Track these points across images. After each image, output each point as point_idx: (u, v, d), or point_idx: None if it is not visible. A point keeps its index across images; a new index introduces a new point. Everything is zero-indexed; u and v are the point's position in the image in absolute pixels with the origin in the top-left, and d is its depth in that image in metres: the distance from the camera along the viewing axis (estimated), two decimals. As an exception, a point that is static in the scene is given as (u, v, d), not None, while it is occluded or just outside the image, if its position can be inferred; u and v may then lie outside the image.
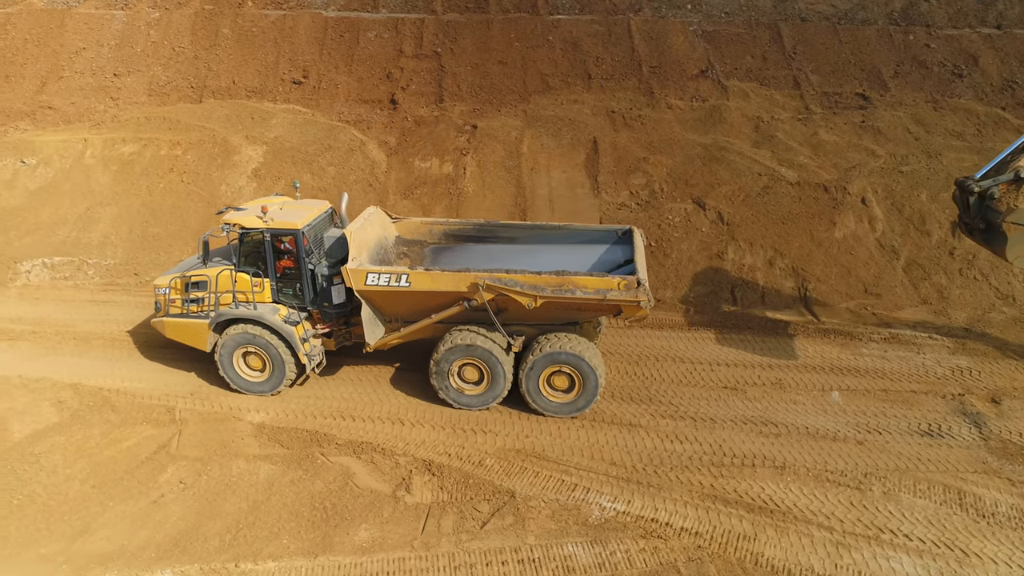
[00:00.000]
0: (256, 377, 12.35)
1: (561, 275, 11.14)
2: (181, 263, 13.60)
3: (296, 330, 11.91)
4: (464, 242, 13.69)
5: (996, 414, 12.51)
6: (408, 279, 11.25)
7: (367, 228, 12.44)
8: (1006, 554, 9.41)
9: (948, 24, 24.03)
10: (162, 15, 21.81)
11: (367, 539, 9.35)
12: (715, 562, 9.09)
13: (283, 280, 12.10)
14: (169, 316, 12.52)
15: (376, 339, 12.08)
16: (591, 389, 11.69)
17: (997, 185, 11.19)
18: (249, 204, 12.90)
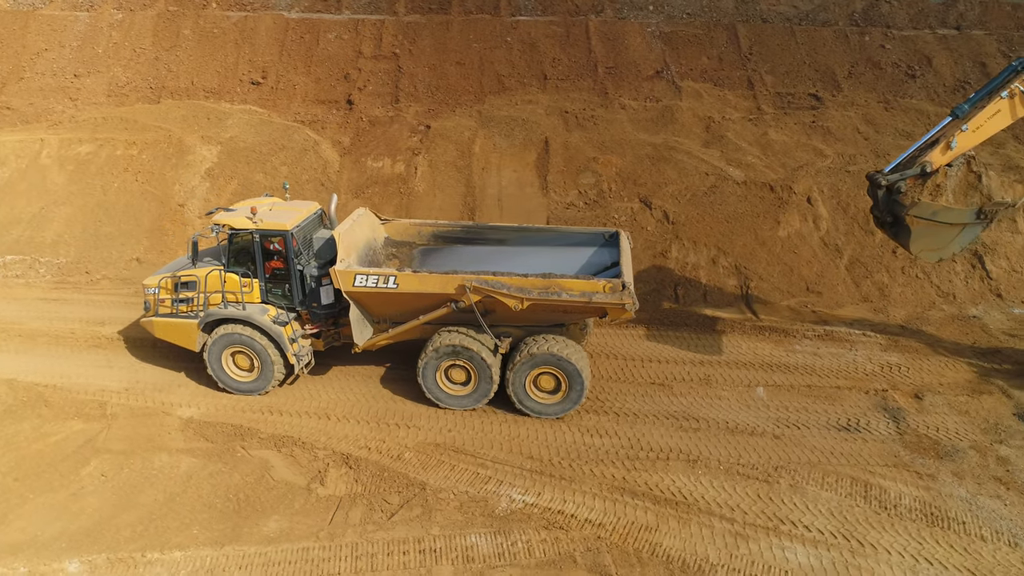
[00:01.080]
0: (245, 377, 12.46)
1: (547, 277, 11.30)
2: (171, 263, 13.72)
3: (285, 330, 12.04)
4: (453, 244, 13.86)
5: (917, 409, 12.72)
6: (396, 281, 11.41)
7: (356, 230, 12.60)
8: (901, 544, 9.63)
9: (909, 25, 24.27)
10: (125, 16, 22.04)
11: (275, 530, 9.57)
12: (612, 552, 9.31)
13: (272, 281, 12.23)
14: (158, 316, 12.62)
15: (364, 340, 12.22)
16: (577, 390, 11.83)
17: (904, 180, 11.41)
18: (239, 205, 13.05)
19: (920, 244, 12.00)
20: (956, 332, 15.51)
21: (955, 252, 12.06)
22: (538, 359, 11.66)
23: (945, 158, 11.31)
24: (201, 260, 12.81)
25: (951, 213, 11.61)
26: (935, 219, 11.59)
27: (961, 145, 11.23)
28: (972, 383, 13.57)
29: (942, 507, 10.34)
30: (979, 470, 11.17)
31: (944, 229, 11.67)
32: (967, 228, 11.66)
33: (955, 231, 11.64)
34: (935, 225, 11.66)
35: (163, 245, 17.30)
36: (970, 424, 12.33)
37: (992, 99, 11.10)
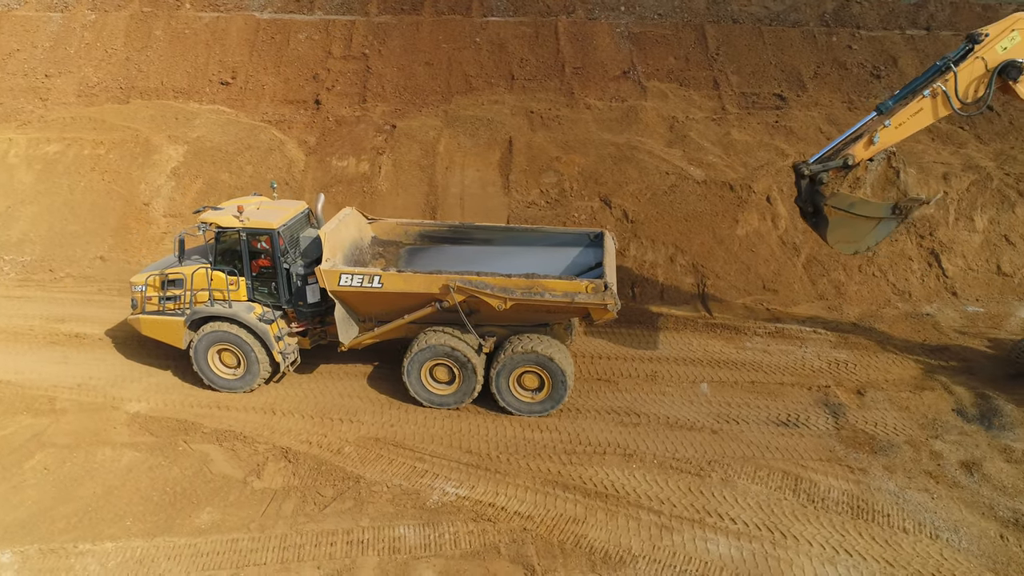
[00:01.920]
0: (230, 375, 12.58)
1: (530, 278, 11.42)
2: (158, 261, 13.82)
3: (271, 328, 12.18)
4: (439, 243, 13.97)
5: (858, 405, 12.90)
6: (380, 280, 11.53)
7: (342, 229, 12.73)
8: (824, 536, 9.80)
9: (879, 26, 24.44)
10: (98, 17, 22.22)
11: (207, 521, 9.74)
12: (536, 543, 9.49)
13: (259, 279, 12.37)
14: (145, 313, 12.74)
15: (350, 338, 12.37)
16: (560, 389, 11.95)
17: (827, 171, 11.58)
18: (226, 203, 13.14)
19: (837, 235, 12.17)
20: (908, 330, 15.69)
21: (870, 245, 12.22)
22: (521, 358, 11.79)
23: (867, 152, 11.49)
24: (189, 258, 12.92)
25: (868, 206, 11.78)
26: (852, 211, 11.77)
27: (883, 141, 11.39)
28: (917, 380, 13.74)
29: (869, 500, 10.52)
30: (911, 464, 11.34)
31: (860, 222, 11.84)
32: (883, 222, 11.83)
33: (871, 224, 11.81)
34: (852, 217, 11.84)
35: (127, 244, 17.48)
36: (909, 420, 12.50)
37: (915, 97, 11.27)
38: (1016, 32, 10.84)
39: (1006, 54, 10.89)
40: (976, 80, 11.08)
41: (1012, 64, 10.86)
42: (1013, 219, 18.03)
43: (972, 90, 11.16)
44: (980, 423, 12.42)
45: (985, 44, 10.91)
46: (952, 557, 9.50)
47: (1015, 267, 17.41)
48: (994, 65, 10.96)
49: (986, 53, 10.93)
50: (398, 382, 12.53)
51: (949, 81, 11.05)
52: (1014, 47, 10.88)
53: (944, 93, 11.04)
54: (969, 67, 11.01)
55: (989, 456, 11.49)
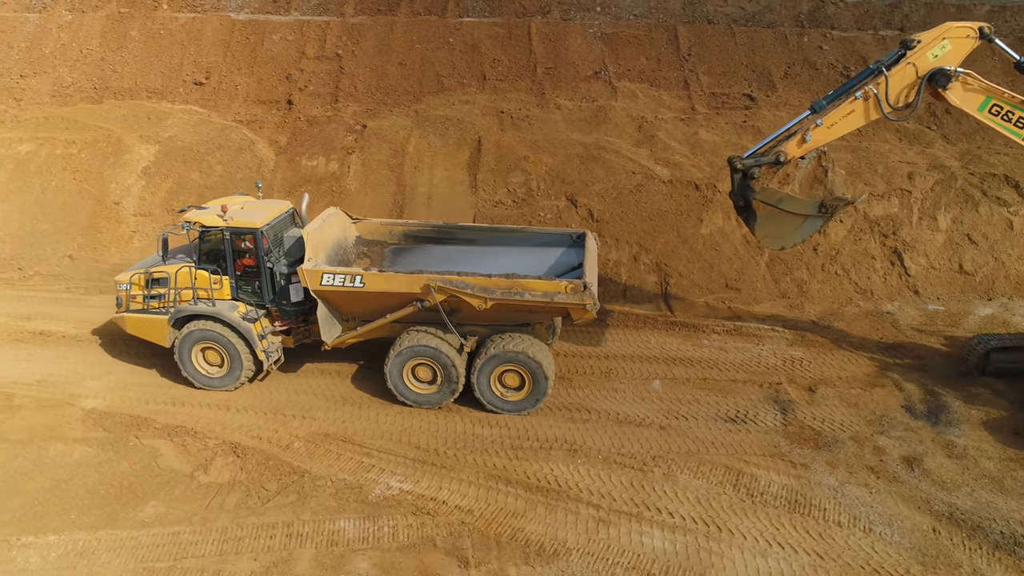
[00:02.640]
0: (214, 373, 12.69)
1: (511, 278, 11.52)
2: (143, 260, 13.88)
3: (254, 327, 12.27)
4: (423, 243, 14.08)
5: (807, 402, 13.05)
6: (362, 280, 11.63)
7: (325, 229, 12.84)
8: (758, 530, 9.95)
9: (853, 26, 24.59)
10: (75, 18, 22.37)
11: (151, 515, 9.90)
12: (472, 536, 9.64)
13: (242, 278, 12.45)
14: (130, 312, 12.81)
15: (332, 338, 12.46)
16: (541, 387, 12.08)
17: (759, 166, 11.74)
18: (210, 203, 13.21)
19: (764, 230, 12.34)
20: (867, 328, 15.84)
21: (796, 242, 12.39)
22: (501, 357, 11.92)
23: (800, 150, 11.64)
24: (174, 257, 13.00)
25: (795, 203, 11.93)
26: (779, 207, 11.92)
27: (815, 140, 11.54)
28: (869, 377, 13.90)
29: (808, 495, 10.67)
30: (854, 460, 11.50)
31: (787, 218, 12.00)
32: (809, 220, 11.98)
33: (798, 221, 11.96)
34: (779, 213, 12.00)
35: (96, 243, 17.64)
36: (857, 416, 12.65)
37: (848, 99, 11.42)
38: (947, 40, 11.01)
39: (936, 62, 11.05)
40: (907, 86, 11.23)
41: (941, 72, 11.03)
42: (976, 218, 18.18)
43: (903, 95, 11.32)
44: (927, 419, 12.57)
45: (917, 51, 11.07)
46: (883, 550, 9.66)
47: (977, 266, 17.57)
48: (924, 72, 11.11)
49: (917, 60, 11.09)
50: (357, 379, 12.71)
51: (881, 85, 11.21)
52: (944, 55, 11.05)
53: (876, 96, 11.20)
54: (901, 72, 11.16)
55: (931, 452, 11.65)
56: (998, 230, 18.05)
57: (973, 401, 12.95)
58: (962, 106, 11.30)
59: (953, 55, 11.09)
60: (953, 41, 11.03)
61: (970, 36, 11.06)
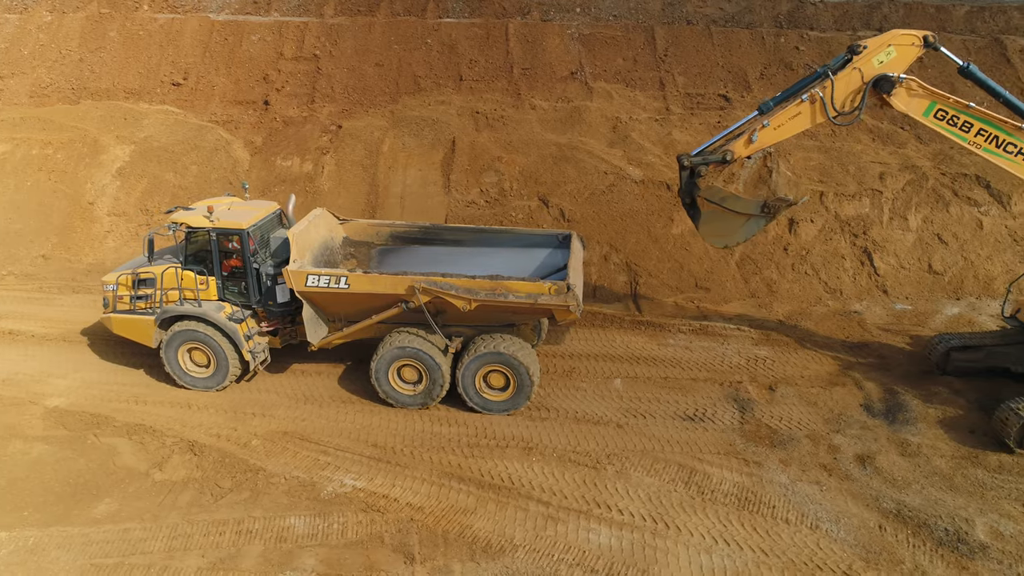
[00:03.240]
0: (201, 373, 12.72)
1: (494, 279, 11.57)
2: (130, 261, 13.90)
3: (240, 328, 12.31)
4: (410, 244, 14.12)
5: (767, 400, 13.14)
6: (347, 281, 11.68)
7: (311, 230, 12.87)
8: (706, 527, 10.04)
9: (832, 27, 24.70)
10: (55, 19, 22.47)
11: (104, 512, 9.99)
12: (420, 533, 9.73)
13: (229, 279, 12.46)
14: (117, 312, 12.83)
15: (318, 338, 12.48)
16: (525, 387, 12.12)
17: (706, 164, 11.82)
18: (198, 204, 13.23)
19: (708, 228, 12.42)
20: (833, 327, 15.92)
21: (739, 241, 12.47)
22: (485, 357, 11.97)
23: (747, 150, 11.73)
24: (162, 258, 13.03)
25: (738, 202, 12.01)
26: (723, 205, 12.00)
27: (761, 140, 11.63)
28: (831, 376, 13.99)
29: (758, 492, 10.76)
30: (808, 458, 11.59)
31: (731, 217, 12.08)
32: (752, 219, 12.06)
33: (740, 220, 12.04)
34: (723, 211, 12.07)
35: (70, 242, 17.74)
36: (815, 414, 12.74)
37: (795, 101, 11.51)
38: (892, 47, 11.11)
39: (882, 68, 11.15)
40: (853, 91, 11.33)
41: (885, 78, 11.12)
42: (947, 218, 18.29)
43: (849, 100, 11.41)
44: (884, 418, 12.67)
45: (863, 56, 11.17)
46: (827, 546, 9.75)
47: (946, 265, 17.67)
48: (869, 77, 11.20)
49: (863, 65, 11.18)
50: (322, 377, 12.80)
51: (827, 89, 11.29)
52: (890, 61, 11.14)
53: (821, 100, 11.29)
54: (847, 77, 11.26)
55: (885, 449, 11.74)
56: (968, 230, 18.16)
57: (931, 400, 13.04)
58: (907, 111, 11.40)
59: (898, 62, 11.19)
60: (898, 48, 11.13)
61: (915, 44, 11.17)
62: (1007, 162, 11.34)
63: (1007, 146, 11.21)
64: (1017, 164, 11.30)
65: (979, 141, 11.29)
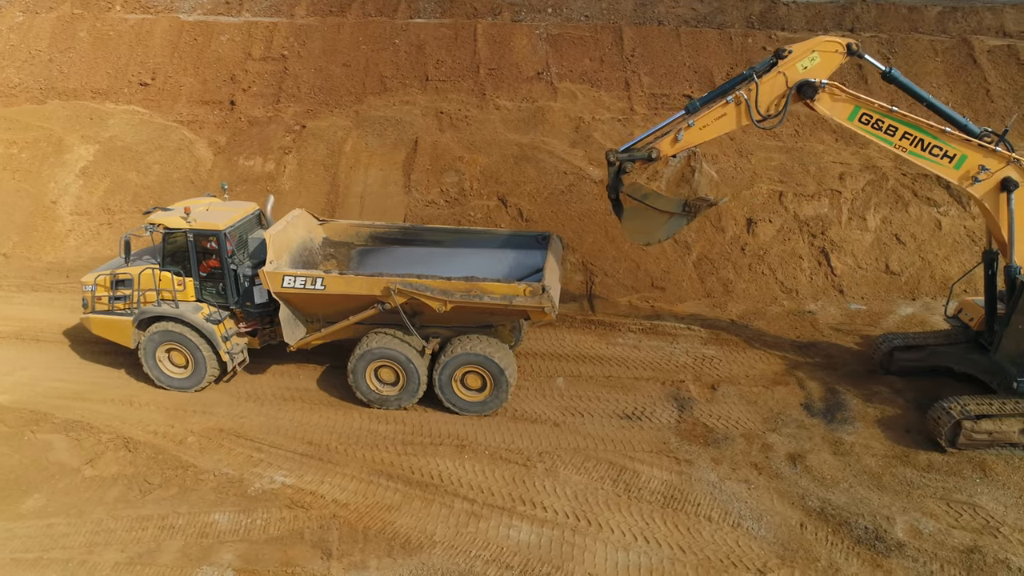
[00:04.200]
0: (179, 374, 12.80)
1: (470, 281, 11.60)
2: (109, 262, 13.91)
3: (217, 329, 12.35)
4: (390, 245, 14.12)
5: (707, 399, 13.20)
6: (323, 282, 11.73)
7: (289, 231, 12.90)
8: (627, 524, 10.12)
9: (804, 27, 24.71)
10: (26, 19, 22.62)
11: (31, 507, 10.10)
12: (342, 529, 9.82)
13: (207, 280, 12.52)
14: (95, 313, 12.89)
15: (296, 339, 12.54)
16: (502, 388, 12.16)
17: (632, 161, 11.87)
18: (176, 204, 13.28)
19: (631, 225, 12.45)
20: (785, 327, 15.98)
21: (661, 239, 12.49)
22: (462, 358, 12.01)
23: (672, 149, 11.76)
24: (140, 258, 13.06)
25: (660, 200, 12.03)
26: (645, 202, 12.02)
27: (687, 140, 11.68)
28: (776, 375, 14.05)
29: (685, 490, 10.83)
30: (740, 456, 11.65)
31: (653, 214, 12.11)
32: (674, 218, 12.10)
33: (662, 218, 12.07)
34: (645, 208, 12.10)
35: (31, 241, 17.88)
36: (753, 413, 12.80)
37: (721, 101, 11.56)
38: (816, 53, 11.16)
39: (805, 73, 11.20)
40: (778, 95, 11.37)
41: (807, 83, 11.17)
42: (905, 218, 18.33)
43: (774, 104, 11.45)
44: (823, 417, 12.72)
45: (787, 61, 11.21)
46: (746, 544, 9.81)
47: (903, 266, 17.71)
48: (793, 82, 11.25)
49: (787, 69, 11.23)
50: (266, 376, 12.85)
51: (752, 91, 11.33)
52: (814, 67, 11.19)
53: (746, 102, 11.33)
54: (771, 81, 11.29)
55: (818, 448, 11.80)
56: (927, 230, 18.20)
57: (871, 399, 13.09)
58: (832, 116, 11.45)
59: (822, 68, 11.24)
60: (822, 54, 11.18)
61: (838, 51, 11.22)
62: (933, 165, 11.38)
63: (932, 149, 11.26)
64: (943, 167, 11.35)
65: (904, 144, 11.33)
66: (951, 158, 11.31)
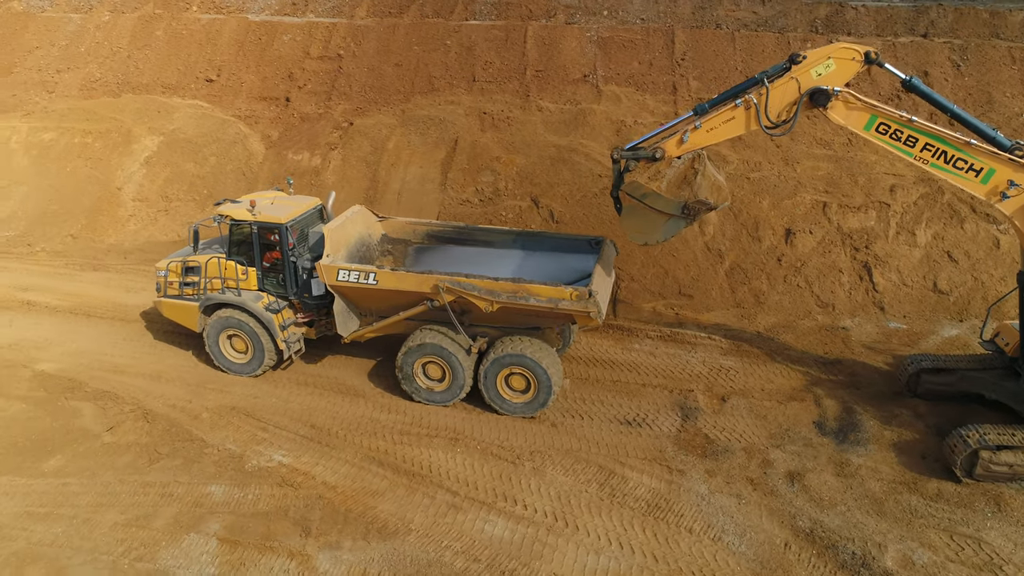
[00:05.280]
0: (239, 359, 13.40)
1: (517, 282, 11.70)
2: (182, 249, 14.74)
3: (276, 318, 12.88)
4: (445, 243, 14.44)
5: (714, 411, 12.93)
6: (375, 277, 12.08)
7: (347, 226, 13.29)
8: (605, 528, 10.08)
9: (873, 32, 23.71)
10: (112, 18, 24.36)
11: (52, 467, 10.98)
12: (324, 509, 10.22)
13: (269, 270, 13.07)
14: (167, 297, 13.69)
15: (349, 331, 12.98)
16: (544, 391, 12.18)
17: (637, 159, 11.67)
18: (244, 197, 13.81)
19: (630, 223, 12.18)
20: (814, 342, 15.42)
21: (660, 240, 12.10)
22: (506, 359, 12.09)
23: (678, 150, 11.49)
24: (211, 247, 13.80)
25: (659, 200, 11.72)
26: (644, 202, 11.74)
27: (693, 142, 11.39)
28: (793, 391, 13.61)
29: (671, 500, 10.69)
30: (736, 470, 11.38)
31: (652, 214, 11.79)
32: (672, 219, 11.74)
33: (661, 219, 11.73)
34: (644, 208, 11.81)
35: (96, 224, 19.28)
36: (760, 428, 12.46)
37: (730, 104, 11.24)
38: (832, 60, 10.71)
39: (819, 80, 10.76)
40: (789, 102, 10.98)
41: (820, 91, 10.74)
42: (960, 235, 17.33)
43: (785, 110, 11.06)
44: (834, 437, 12.25)
45: (801, 66, 10.80)
46: (723, 559, 9.61)
47: (953, 285, 16.76)
48: (806, 88, 10.84)
49: (800, 76, 10.82)
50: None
51: (762, 96, 10.99)
52: (828, 74, 10.74)
53: (756, 107, 11.00)
54: (783, 86, 10.91)
55: (821, 468, 11.38)
56: (983, 248, 17.15)
57: (890, 422, 12.50)
58: (847, 125, 10.97)
59: (837, 75, 10.78)
60: (838, 61, 10.73)
61: (855, 59, 10.73)
62: (958, 179, 10.77)
63: (956, 161, 10.65)
64: (969, 180, 10.72)
65: (926, 156, 10.77)
66: (977, 172, 10.68)
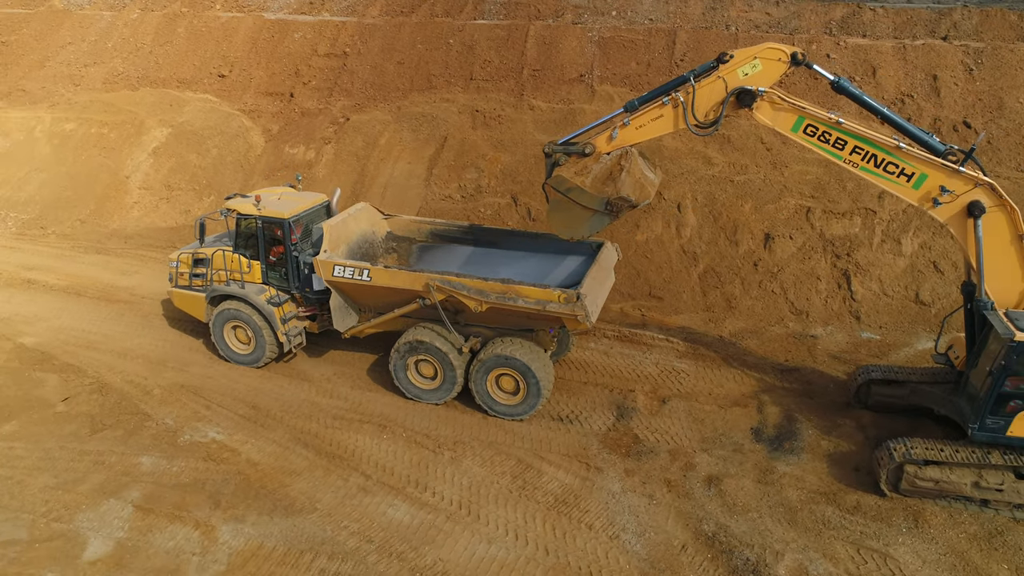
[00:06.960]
0: (242, 350, 13.74)
1: (506, 283, 11.73)
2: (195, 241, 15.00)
3: (277, 311, 13.16)
4: (449, 243, 14.53)
5: (651, 412, 12.87)
6: (369, 274, 12.27)
7: (349, 223, 13.46)
8: (505, 518, 10.24)
9: (890, 35, 22.99)
10: (140, 16, 25.66)
11: (5, 432, 11.78)
12: (239, 484, 10.67)
13: (273, 264, 13.44)
14: (177, 287, 14.21)
15: (346, 326, 13.18)
16: (532, 394, 12.20)
17: (567, 154, 11.63)
18: (253, 192, 14.21)
19: (556, 218, 12.06)
20: (777, 349, 15.13)
21: (585, 235, 11.89)
22: (495, 360, 12.11)
23: (607, 147, 11.39)
24: (220, 240, 14.27)
25: (583, 196, 11.52)
26: (568, 196, 11.61)
27: (622, 138, 11.28)
28: (740, 396, 13.41)
29: (581, 495, 10.74)
30: (656, 471, 11.34)
31: (577, 209, 11.61)
32: (596, 215, 11.54)
33: (586, 215, 11.55)
34: (569, 202, 11.66)
35: (104, 210, 20.40)
36: (694, 431, 12.35)
37: (658, 102, 11.08)
38: (758, 60, 10.48)
39: (746, 80, 10.55)
40: (716, 101, 10.78)
41: (745, 91, 10.52)
42: (948, 245, 16.66)
43: (712, 110, 10.87)
44: (768, 444, 12.05)
45: (728, 66, 10.60)
46: (613, 557, 9.62)
47: (936, 296, 16.15)
48: (732, 88, 10.64)
49: (727, 75, 10.61)
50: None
51: (689, 94, 10.84)
52: (755, 75, 10.52)
53: (683, 105, 10.86)
54: (710, 86, 10.71)
55: (742, 474, 11.23)
56: (972, 260, 16.42)
57: (830, 432, 12.21)
58: (774, 126, 10.73)
59: (763, 76, 10.56)
60: (764, 61, 10.50)
61: (781, 59, 10.47)
62: (889, 183, 10.47)
63: (887, 166, 10.35)
64: (900, 185, 10.40)
65: (855, 160, 10.50)
66: (909, 176, 10.36)
